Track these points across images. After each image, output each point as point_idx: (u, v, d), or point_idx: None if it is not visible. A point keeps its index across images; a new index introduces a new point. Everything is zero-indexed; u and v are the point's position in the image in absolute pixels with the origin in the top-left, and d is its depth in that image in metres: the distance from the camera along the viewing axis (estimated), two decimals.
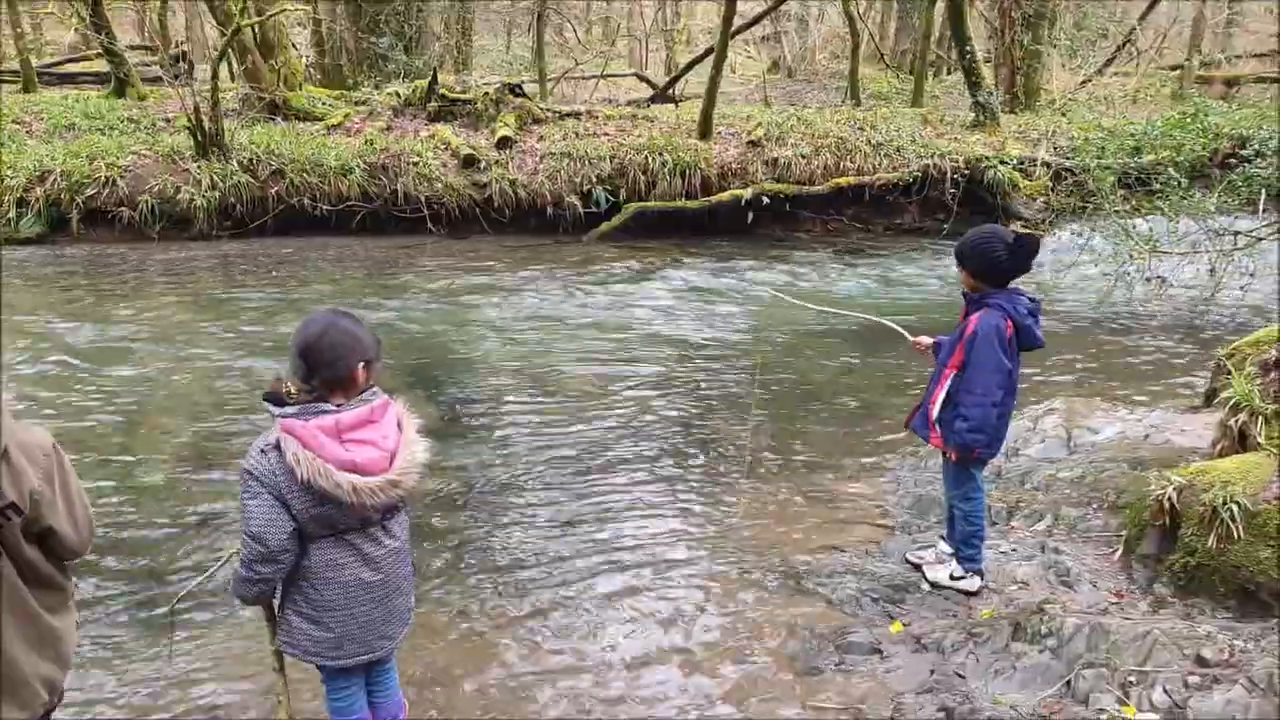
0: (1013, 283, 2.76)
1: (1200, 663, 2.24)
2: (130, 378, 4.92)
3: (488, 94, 9.95)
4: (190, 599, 2.70)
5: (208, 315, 6.21)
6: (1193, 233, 6.25)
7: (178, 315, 6.20)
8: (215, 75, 8.68)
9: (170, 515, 3.41)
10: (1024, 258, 2.67)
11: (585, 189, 9.12)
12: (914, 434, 3.04)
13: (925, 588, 2.90)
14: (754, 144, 9.58)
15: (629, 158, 9.25)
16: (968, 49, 10.54)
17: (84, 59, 14.16)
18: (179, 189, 8.29)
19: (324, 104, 10.32)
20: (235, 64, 10.55)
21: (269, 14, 9.74)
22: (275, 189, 8.51)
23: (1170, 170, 6.49)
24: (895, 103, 13.46)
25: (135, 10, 15.63)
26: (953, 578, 2.90)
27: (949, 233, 8.85)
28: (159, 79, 10.71)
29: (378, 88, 10.95)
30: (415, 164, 8.88)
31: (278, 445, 1.76)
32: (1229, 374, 3.24)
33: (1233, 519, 2.55)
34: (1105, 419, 4.04)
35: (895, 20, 19.75)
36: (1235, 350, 3.52)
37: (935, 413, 2.80)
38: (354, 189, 8.67)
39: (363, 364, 1.83)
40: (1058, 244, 7.79)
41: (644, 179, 9.18)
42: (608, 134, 9.81)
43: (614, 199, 9.16)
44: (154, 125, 9.55)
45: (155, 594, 2.91)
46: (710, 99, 9.74)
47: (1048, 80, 13.71)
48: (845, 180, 9.29)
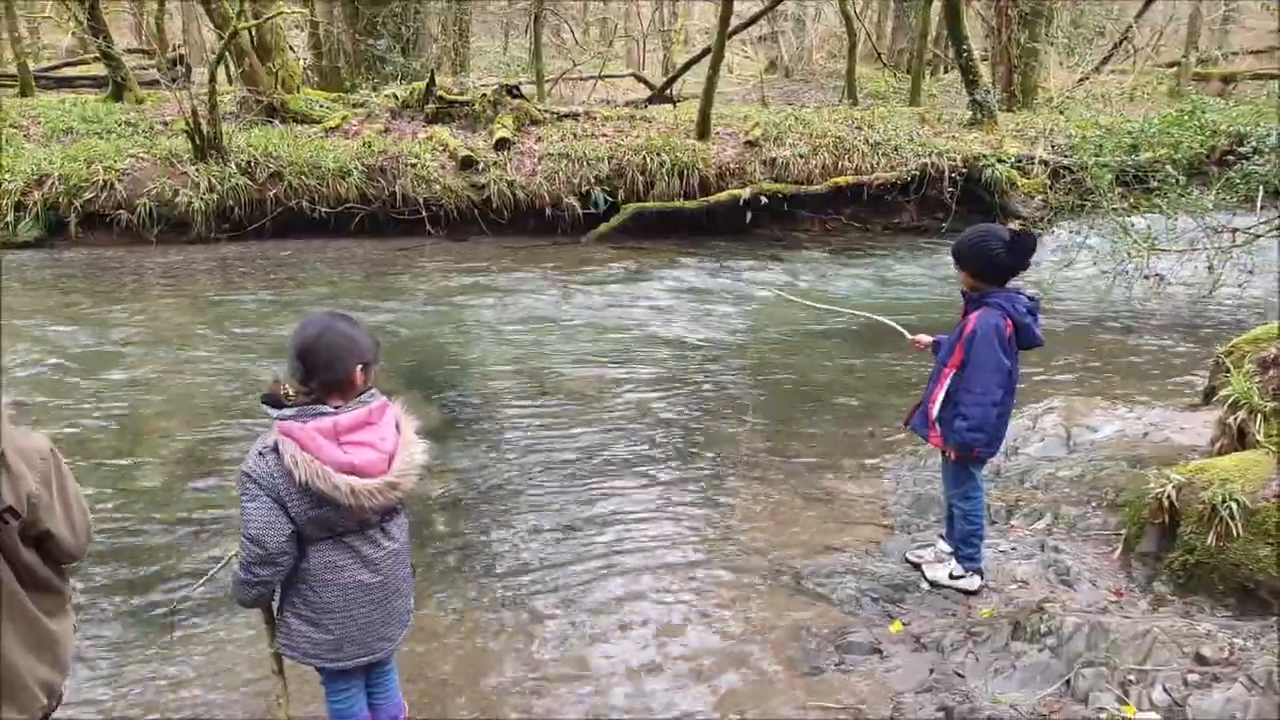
0: (1011, 280, 2.76)
1: (1200, 661, 2.24)
2: (128, 381, 4.91)
3: (485, 95, 9.95)
4: (189, 602, 2.70)
5: (206, 318, 6.21)
6: (1191, 230, 6.25)
7: (176, 318, 6.20)
8: (213, 78, 8.68)
9: (169, 518, 3.41)
10: (1022, 255, 2.67)
11: (584, 190, 9.12)
12: (913, 433, 3.04)
13: (925, 587, 2.91)
14: (752, 144, 9.58)
15: (627, 158, 9.25)
16: (965, 47, 10.55)
17: (81, 63, 14.15)
18: (177, 192, 8.29)
19: (322, 106, 10.31)
20: (233, 67, 10.54)
21: (266, 17, 9.75)
22: (273, 192, 8.51)
23: (1168, 168, 6.49)
24: (893, 102, 13.48)
25: (132, 14, 15.63)
26: (952, 577, 2.90)
27: (947, 231, 8.86)
28: (156, 82, 10.70)
29: (375, 90, 10.95)
30: (413, 166, 8.87)
31: (276, 448, 1.76)
32: (1228, 372, 3.24)
33: (1232, 517, 2.55)
34: (1104, 417, 4.04)
35: (892, 19, 19.76)
36: (1234, 348, 3.52)
37: (935, 412, 2.80)
38: (352, 191, 8.67)
39: (361, 366, 1.83)
40: (1056, 242, 7.80)
41: (642, 179, 9.18)
42: (606, 135, 9.81)
43: (612, 200, 9.16)
44: (152, 128, 9.54)
45: (154, 597, 2.91)
46: (708, 99, 9.75)
47: (1045, 78, 13.72)
48: (843, 180, 9.29)
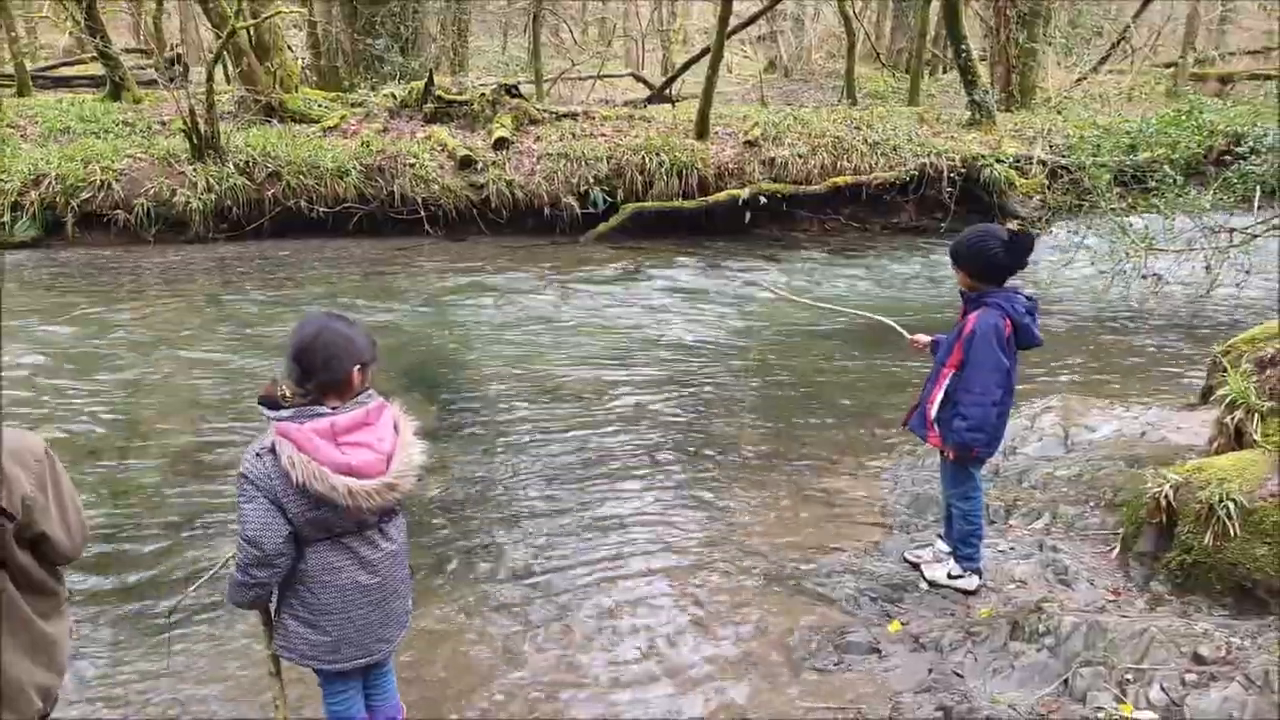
0: (1009, 280, 2.76)
1: (1197, 660, 2.24)
2: (125, 381, 4.91)
3: (484, 95, 9.94)
4: (187, 603, 2.70)
5: (204, 318, 6.20)
6: (1188, 230, 6.25)
7: (173, 318, 6.19)
8: (210, 78, 8.67)
9: (166, 519, 3.41)
10: (1020, 254, 2.67)
11: (582, 189, 9.12)
12: (912, 433, 3.04)
13: (923, 587, 2.91)
14: (751, 144, 9.58)
15: (626, 158, 9.25)
16: (963, 47, 10.56)
17: (79, 62, 14.12)
18: (175, 192, 8.28)
19: (320, 106, 10.30)
20: (231, 66, 10.53)
21: (264, 16, 9.73)
22: (271, 191, 8.50)
23: (1165, 168, 6.49)
24: (891, 102, 13.49)
25: (130, 13, 15.60)
26: (951, 576, 2.90)
27: (946, 231, 8.87)
28: (154, 82, 10.68)
29: (374, 89, 10.94)
30: (412, 165, 8.87)
31: (273, 449, 1.75)
32: (1225, 371, 3.24)
33: (1229, 516, 2.56)
34: (1102, 417, 4.04)
35: (891, 19, 19.78)
36: (1231, 347, 3.53)
37: (933, 412, 2.80)
38: (350, 191, 8.66)
39: (358, 367, 1.82)
40: (1054, 242, 7.80)
41: (641, 179, 9.18)
42: (605, 134, 9.80)
43: (611, 199, 9.16)
44: (149, 128, 9.53)
45: (151, 598, 2.90)
46: (707, 99, 9.75)
47: (1043, 78, 13.74)
48: (842, 179, 9.29)
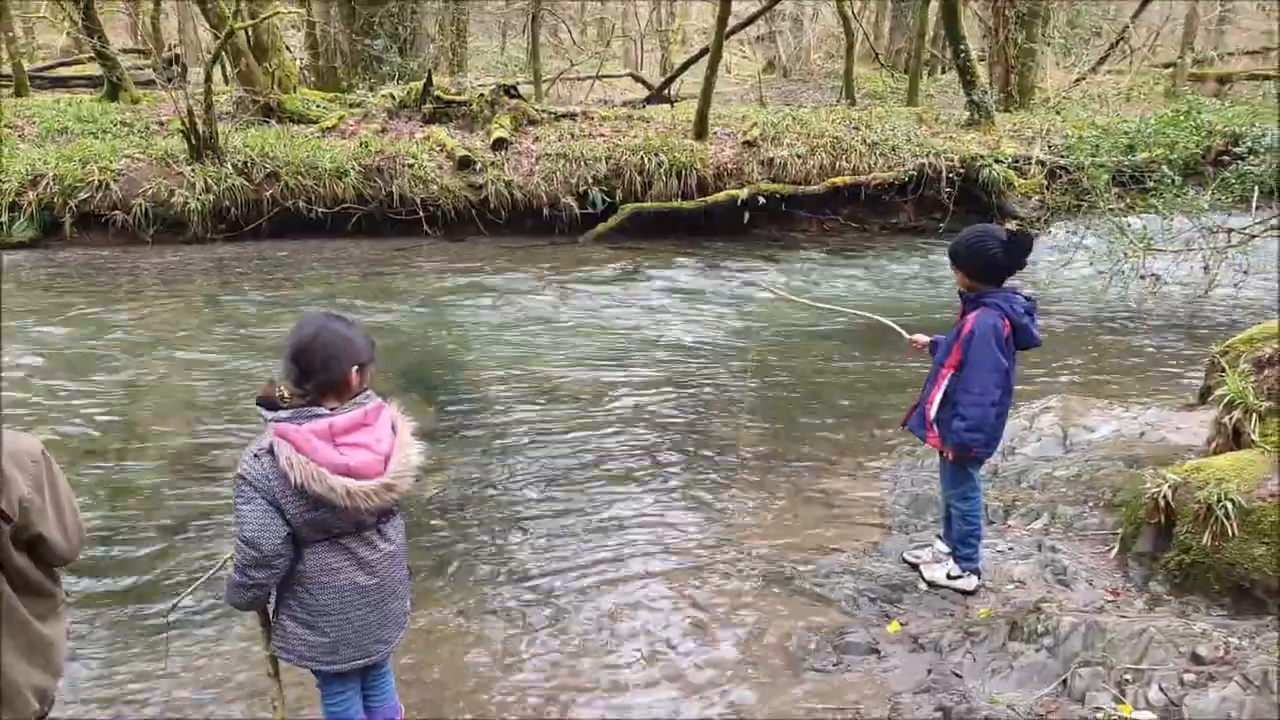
0: (1008, 280, 2.76)
1: (1196, 660, 2.24)
2: (123, 382, 4.90)
3: (483, 95, 9.94)
4: (185, 604, 2.69)
5: (202, 319, 6.19)
6: (1186, 230, 6.26)
7: (171, 319, 6.18)
8: (208, 78, 8.66)
9: (163, 520, 3.40)
10: (1019, 254, 2.67)
11: (581, 190, 9.12)
12: (911, 434, 3.04)
13: (922, 587, 2.91)
14: (750, 144, 9.58)
15: (625, 158, 9.25)
16: (962, 48, 10.57)
17: (76, 63, 14.11)
18: (173, 192, 8.27)
19: (318, 106, 10.30)
20: (229, 67, 10.52)
21: (262, 16, 9.73)
22: (270, 192, 8.49)
23: (1164, 168, 6.50)
24: (890, 102, 13.49)
25: (128, 13, 15.59)
26: (950, 577, 2.90)
27: (945, 231, 8.87)
28: (152, 82, 10.68)
29: (372, 90, 10.94)
30: (410, 166, 8.86)
31: (271, 450, 1.75)
32: (1223, 371, 3.25)
33: (1227, 516, 2.56)
34: (1101, 417, 4.04)
35: (890, 19, 19.80)
36: (1229, 347, 3.53)
37: (933, 412, 2.80)
38: (349, 191, 8.65)
39: (356, 367, 1.82)
40: (1053, 242, 7.80)
41: (640, 180, 9.18)
42: (603, 135, 9.80)
43: (610, 200, 9.16)
44: (147, 129, 9.52)
45: (149, 600, 2.90)
46: (706, 99, 9.75)
47: (1042, 79, 13.75)
48: (841, 180, 9.30)
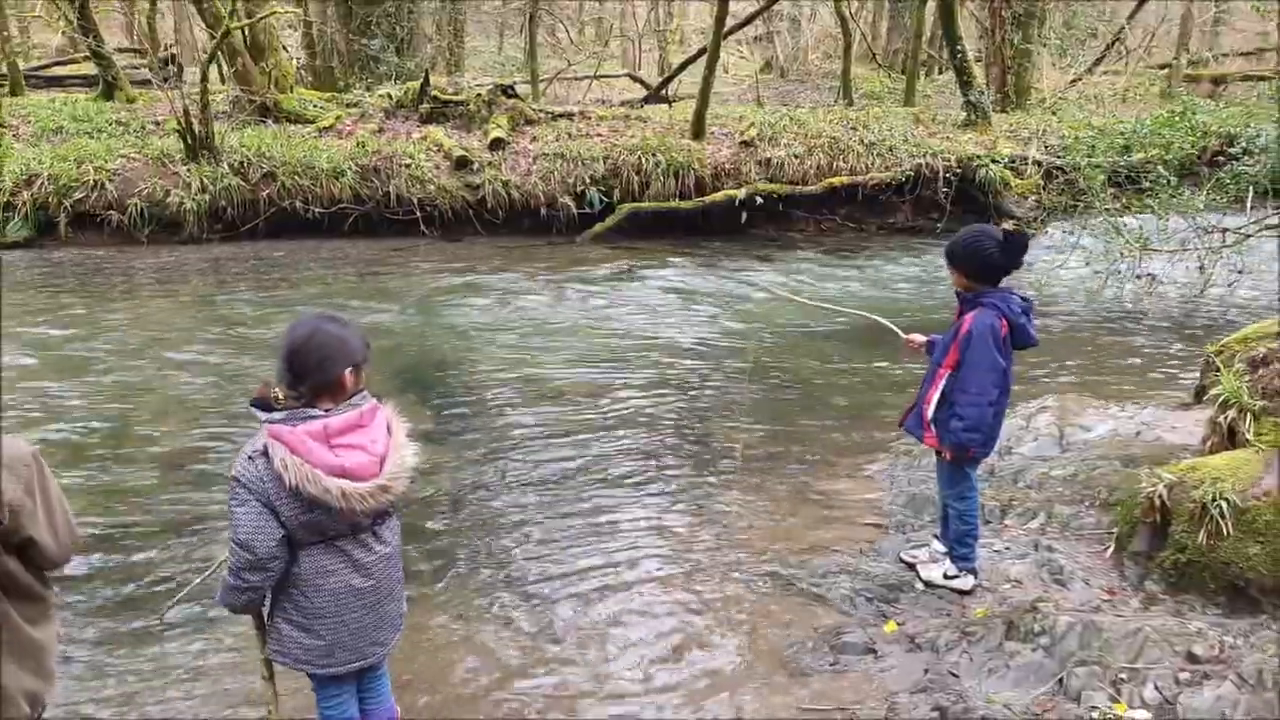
0: (1004, 280, 2.77)
1: (1191, 659, 2.25)
2: (118, 383, 4.88)
3: (480, 95, 9.93)
4: (179, 607, 2.68)
5: (198, 319, 6.17)
6: (1182, 230, 6.28)
7: (167, 319, 6.16)
8: (205, 78, 8.64)
9: (158, 522, 3.39)
10: (1015, 254, 2.67)
11: (579, 190, 9.11)
12: (908, 434, 3.04)
13: (919, 587, 2.91)
14: (747, 144, 9.58)
15: (623, 158, 9.25)
16: (959, 48, 10.58)
17: (71, 62, 14.07)
18: (169, 192, 8.24)
19: (315, 106, 10.28)
20: (225, 66, 10.50)
21: (259, 16, 9.71)
22: (266, 192, 8.47)
23: (1159, 168, 6.52)
24: (887, 102, 13.51)
25: (123, 13, 15.54)
26: (946, 576, 2.90)
27: (942, 231, 8.88)
28: (148, 82, 10.65)
29: (369, 90, 10.92)
30: (408, 166, 8.85)
31: (265, 451, 1.74)
32: (1218, 371, 3.26)
33: (1222, 515, 2.56)
34: (1097, 416, 4.05)
35: (887, 20, 19.83)
36: (1224, 347, 3.54)
37: (930, 412, 2.80)
38: (346, 191, 8.64)
39: (350, 368, 1.81)
40: (1049, 242, 7.82)
41: (638, 179, 9.18)
42: (601, 135, 9.80)
43: (608, 200, 9.16)
44: (143, 128, 9.49)
45: (143, 602, 2.88)
46: (703, 99, 9.75)
47: (1038, 79, 13.79)
48: (838, 180, 9.31)
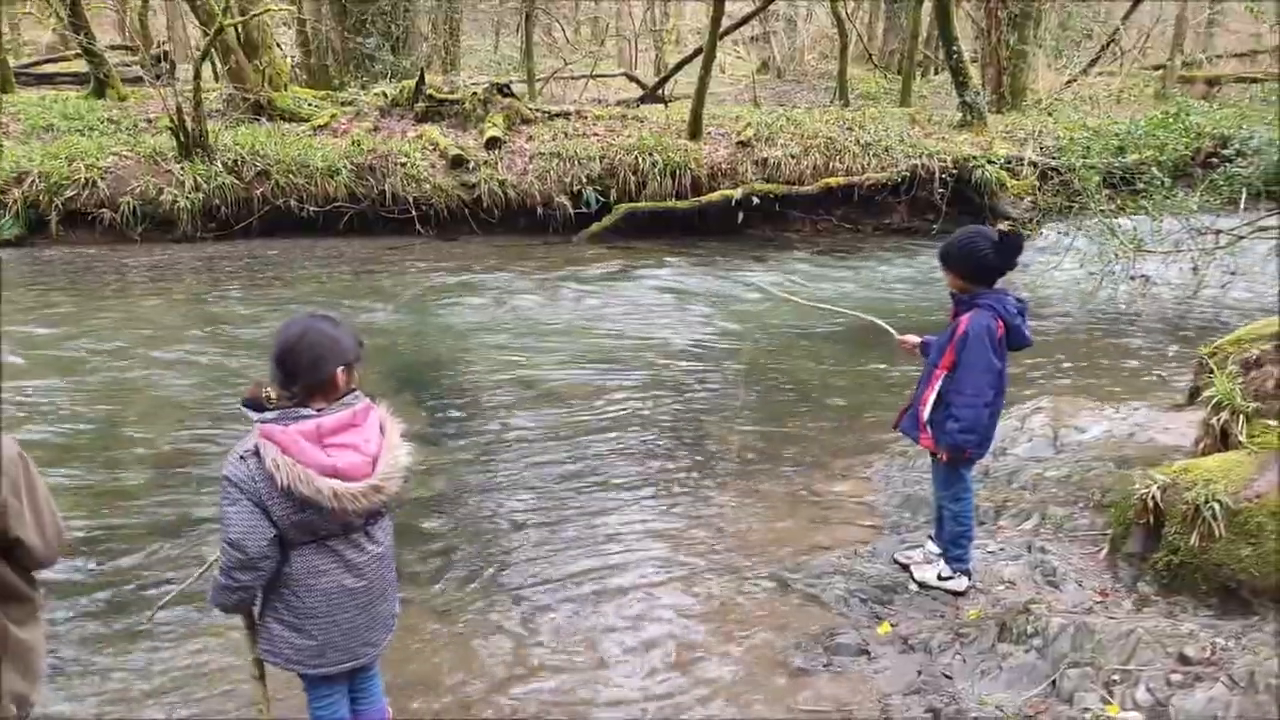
0: (999, 281, 2.77)
1: (1183, 661, 2.25)
2: (109, 381, 4.85)
3: (476, 94, 9.90)
4: (170, 607, 2.66)
5: (190, 318, 6.14)
6: (1176, 232, 6.31)
7: (159, 318, 6.13)
8: (198, 75, 8.59)
9: (148, 523, 3.37)
10: (1010, 254, 2.68)
11: (575, 189, 9.10)
12: (903, 435, 3.04)
13: (913, 588, 2.91)
14: (743, 144, 9.59)
15: (619, 158, 9.24)
16: (955, 49, 10.60)
17: (62, 59, 13.98)
18: (161, 190, 8.20)
19: (310, 104, 10.23)
20: (219, 64, 10.45)
21: (252, 14, 9.66)
22: (260, 190, 8.43)
23: (1154, 170, 6.54)
24: (883, 103, 13.53)
25: (115, 10, 15.44)
26: (940, 578, 2.91)
27: (938, 232, 8.89)
28: (140, 79, 10.58)
29: (364, 88, 10.88)
30: (403, 164, 8.82)
31: (257, 451, 1.73)
32: (1211, 373, 3.26)
33: (1214, 517, 2.57)
34: (1091, 418, 4.06)
35: (883, 20, 19.86)
36: (1217, 349, 3.55)
37: (926, 413, 2.80)
38: (341, 190, 8.61)
39: (343, 368, 1.80)
40: (1044, 243, 7.85)
41: (634, 179, 9.17)
42: (597, 134, 9.79)
43: (604, 199, 9.15)
44: (135, 126, 9.44)
45: (133, 602, 2.87)
46: (700, 99, 9.75)
47: (1034, 80, 13.82)
48: (834, 180, 9.31)
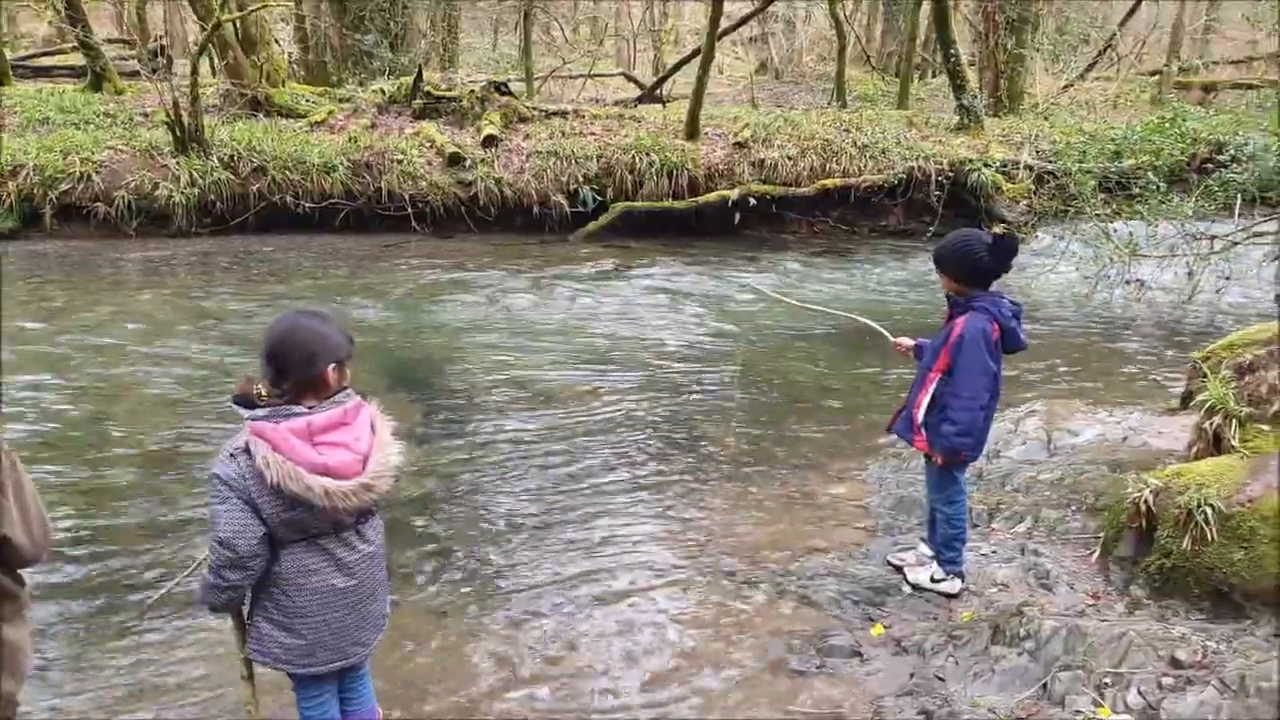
0: (994, 283, 2.77)
1: (1174, 664, 2.26)
2: (99, 377, 4.82)
3: (474, 92, 9.88)
4: (159, 605, 2.65)
5: (184, 314, 6.11)
6: (1171, 236, 6.34)
7: (153, 313, 6.10)
8: (195, 70, 8.55)
9: (138, 520, 3.35)
10: (1005, 257, 2.68)
11: (572, 188, 9.09)
12: (897, 438, 3.04)
13: (906, 590, 2.91)
14: (741, 145, 9.58)
15: (616, 157, 9.23)
16: (952, 52, 10.62)
17: (59, 52, 13.90)
18: (157, 185, 8.16)
19: (307, 101, 10.20)
20: (216, 59, 10.40)
21: (250, 9, 9.62)
22: (257, 186, 8.40)
23: (1149, 174, 6.57)
24: (881, 105, 13.54)
25: (112, 3, 15.37)
26: (933, 580, 2.91)
27: (933, 235, 8.91)
28: (137, 73, 10.54)
29: (362, 85, 10.85)
30: (399, 162, 8.80)
31: (247, 449, 1.72)
32: (1205, 377, 3.27)
33: (1207, 521, 2.58)
34: (1085, 421, 4.07)
35: (881, 23, 19.89)
36: (1211, 353, 3.56)
37: (920, 416, 2.80)
38: (337, 187, 8.58)
39: (334, 365, 1.79)
40: (1040, 246, 7.87)
41: (631, 179, 9.16)
42: (595, 133, 9.78)
43: (601, 198, 9.14)
44: (131, 120, 9.39)
45: (122, 600, 2.85)
46: (697, 99, 9.75)
47: (1030, 84, 13.86)
48: (831, 182, 9.32)
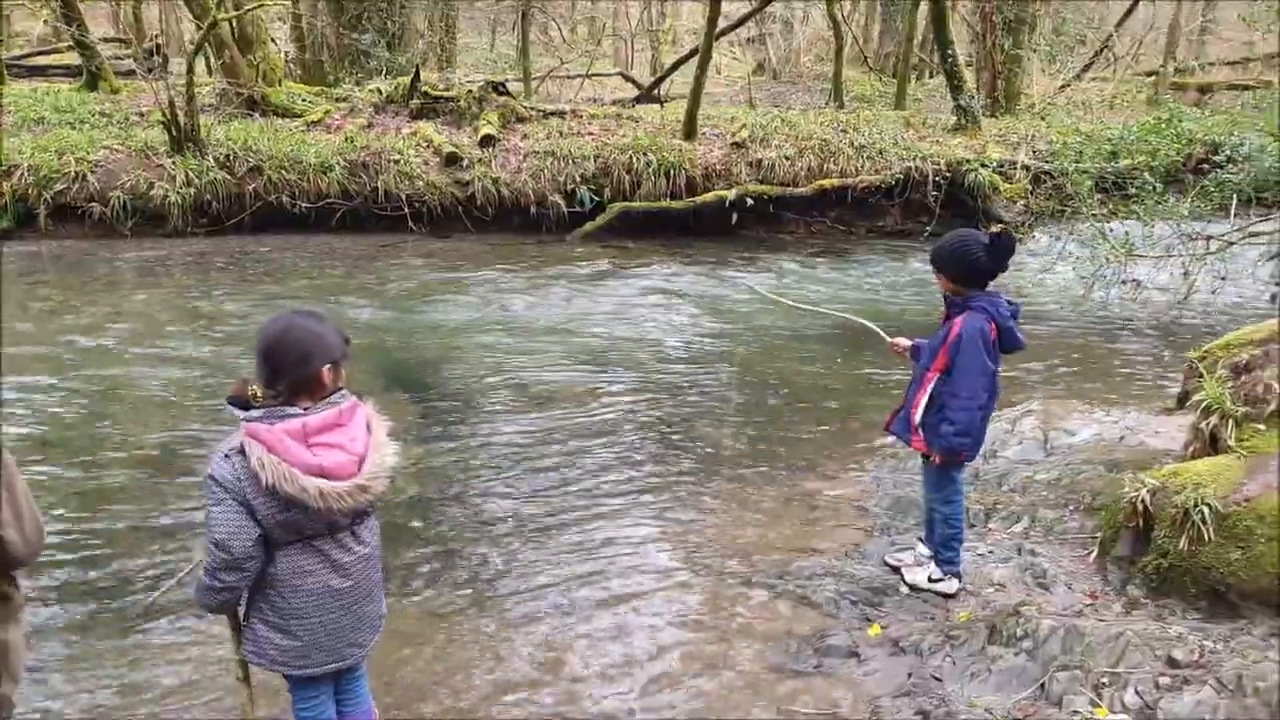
0: (990, 283, 2.77)
1: (1171, 664, 2.26)
2: (96, 377, 4.81)
3: (471, 92, 9.86)
4: (154, 607, 2.64)
5: (179, 314, 6.09)
6: (1167, 236, 6.35)
7: (148, 314, 6.08)
8: (191, 69, 8.53)
9: (133, 522, 3.33)
10: (1002, 256, 2.68)
11: (569, 188, 9.08)
12: (895, 438, 3.04)
13: (903, 590, 2.91)
14: (738, 145, 9.59)
15: (613, 157, 9.22)
16: (950, 53, 10.63)
17: (55, 51, 13.84)
18: (152, 185, 8.13)
19: (304, 100, 10.17)
20: (212, 58, 10.36)
21: (247, 8, 9.60)
22: (253, 186, 8.37)
23: (1146, 175, 6.59)
24: (878, 105, 13.57)
25: (109, 2, 15.32)
26: (931, 580, 2.91)
27: (931, 235, 8.92)
28: (132, 73, 10.50)
29: (359, 84, 10.83)
30: (396, 162, 8.78)
31: (242, 450, 1.71)
32: (1201, 377, 3.28)
33: (1204, 521, 2.58)
34: (1082, 421, 4.08)
35: (879, 23, 19.91)
36: (1207, 353, 3.56)
37: (918, 416, 2.80)
38: (334, 186, 8.56)
39: (328, 366, 1.78)
40: (1036, 246, 7.88)
41: (628, 179, 9.15)
42: (592, 133, 9.77)
43: (598, 198, 9.13)
44: (127, 120, 9.36)
45: (117, 602, 2.83)
46: (695, 99, 9.75)
47: (1028, 84, 13.89)
48: (828, 182, 9.32)
